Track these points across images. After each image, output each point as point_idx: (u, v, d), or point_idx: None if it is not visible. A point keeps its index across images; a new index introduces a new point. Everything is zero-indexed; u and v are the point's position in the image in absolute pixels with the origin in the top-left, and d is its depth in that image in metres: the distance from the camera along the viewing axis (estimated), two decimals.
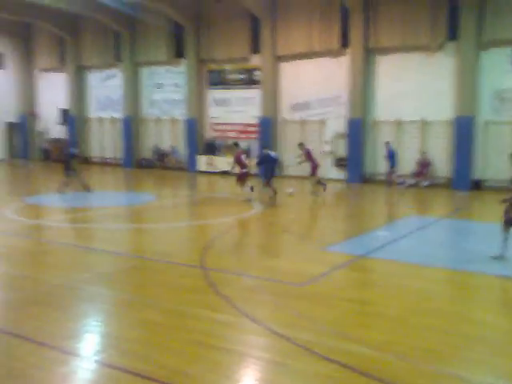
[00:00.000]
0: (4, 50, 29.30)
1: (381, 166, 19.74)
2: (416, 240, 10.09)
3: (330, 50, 20.42)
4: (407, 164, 19.13)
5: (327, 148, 21.16)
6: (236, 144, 15.83)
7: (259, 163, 16.56)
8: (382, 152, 19.32)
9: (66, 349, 4.77)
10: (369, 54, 19.82)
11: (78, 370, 4.43)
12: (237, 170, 15.05)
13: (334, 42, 20.22)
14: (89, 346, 5.00)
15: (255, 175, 16.37)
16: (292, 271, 7.59)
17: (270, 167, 15.50)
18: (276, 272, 7.61)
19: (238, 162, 14.85)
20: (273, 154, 16.21)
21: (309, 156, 16.40)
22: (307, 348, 4.77)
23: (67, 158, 16.00)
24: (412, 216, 13.26)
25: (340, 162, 20.91)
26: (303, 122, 21.71)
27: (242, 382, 4.24)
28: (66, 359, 4.58)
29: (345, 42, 20.10)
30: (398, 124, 19.49)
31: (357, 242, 9.86)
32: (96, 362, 4.55)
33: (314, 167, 16.45)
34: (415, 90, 19.05)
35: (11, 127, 30.03)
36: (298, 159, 16.96)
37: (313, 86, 21.19)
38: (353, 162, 20.11)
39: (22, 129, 30.10)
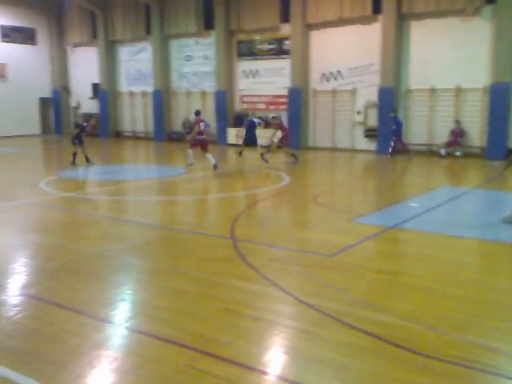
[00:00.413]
0: (36, 26, 29.65)
1: (413, 136, 19.37)
2: (448, 211, 9.94)
3: (362, 16, 19.94)
4: (441, 133, 18.73)
5: (358, 118, 20.85)
6: (197, 112, 16.63)
7: (246, 130, 18.14)
8: (415, 121, 18.94)
9: (100, 316, 4.94)
10: (402, 20, 19.28)
11: (112, 336, 4.59)
12: (193, 135, 15.80)
13: (366, 9, 19.72)
14: (121, 313, 5.15)
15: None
16: (321, 242, 7.61)
17: (251, 133, 17.56)
18: (305, 243, 7.64)
19: (195, 128, 15.79)
20: (256, 120, 18.41)
21: (281, 126, 17.34)
22: (335, 317, 4.81)
23: (79, 129, 16.49)
24: (444, 187, 13.02)
25: (370, 133, 20.59)
26: (334, 92, 21.39)
27: (271, 349, 4.31)
28: (100, 326, 4.75)
29: (377, 8, 19.56)
30: (432, 92, 19.01)
31: (387, 213, 9.77)
32: (128, 328, 4.69)
33: (286, 137, 17.32)
34: (449, 57, 18.49)
35: (44, 102, 30.57)
36: (273, 136, 17.48)
37: (344, 54, 20.80)
38: (384, 133, 19.78)
39: (55, 104, 30.61)
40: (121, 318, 5.00)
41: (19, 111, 28.65)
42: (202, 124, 15.74)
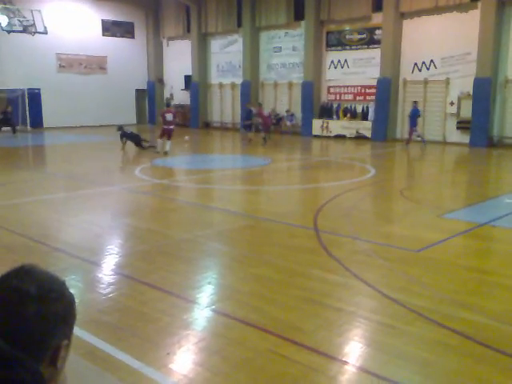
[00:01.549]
0: (135, 20, 31.12)
1: (510, 129, 18.26)
2: None
3: (459, 4, 19.02)
4: None
5: (451, 109, 19.96)
6: (167, 104, 19.01)
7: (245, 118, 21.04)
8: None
9: (188, 297, 5.19)
10: (503, 7, 18.16)
11: (199, 317, 4.82)
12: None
13: None
14: (208, 296, 5.37)
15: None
16: (407, 237, 7.43)
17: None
18: (390, 237, 7.50)
19: (162, 118, 17.06)
20: (254, 109, 20.63)
21: (261, 114, 19.77)
22: (420, 313, 4.71)
23: (134, 136, 18.33)
24: None
25: (463, 125, 19.63)
26: (426, 82, 20.61)
27: (353, 340, 4.31)
28: (188, 307, 4.99)
29: None
30: None
31: (479, 209, 9.34)
32: (213, 311, 4.90)
33: (266, 124, 20.00)
34: None
35: (140, 93, 32.08)
36: (255, 121, 20.24)
37: (437, 43, 19.98)
38: (478, 125, 18.78)
39: (150, 95, 32.02)
40: (207, 300, 5.21)
41: (117, 102, 30.28)
42: (168, 115, 16.88)
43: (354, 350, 4.13)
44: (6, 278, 1.13)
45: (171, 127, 16.85)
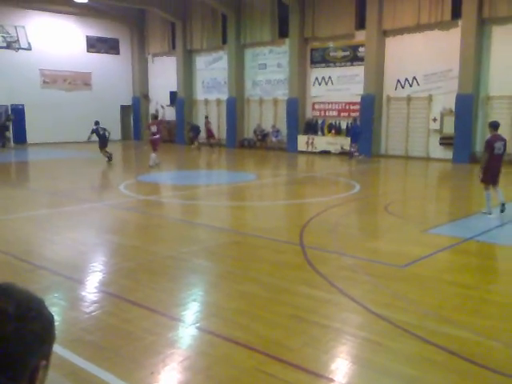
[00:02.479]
0: (120, 36, 31.19)
1: None
2: None
3: (440, 21, 19.41)
4: None
5: (434, 126, 20.24)
6: (154, 116, 20.09)
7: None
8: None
9: (173, 315, 5.14)
10: (483, 25, 18.58)
11: (184, 335, 4.76)
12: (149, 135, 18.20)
13: (445, 14, 19.16)
14: (193, 313, 5.32)
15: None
16: (392, 252, 7.46)
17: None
18: (376, 253, 7.52)
19: (148, 130, 18.31)
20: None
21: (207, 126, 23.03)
22: (405, 329, 4.71)
23: (104, 138, 19.24)
24: None
25: (445, 141, 19.91)
26: (409, 99, 20.90)
27: (340, 357, 4.29)
28: (173, 325, 4.94)
29: (456, 13, 18.95)
30: None
31: (463, 224, 9.42)
32: (199, 328, 4.84)
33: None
34: None
35: (124, 110, 32.02)
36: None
37: (420, 60, 20.32)
38: (461, 141, 19.06)
39: (135, 111, 31.98)
40: (192, 318, 5.16)
41: (102, 118, 29.87)
42: (152, 127, 17.95)
43: (340, 368, 4.11)
44: None
45: (155, 137, 17.55)
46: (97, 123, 19.34)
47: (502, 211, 9.64)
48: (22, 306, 1.09)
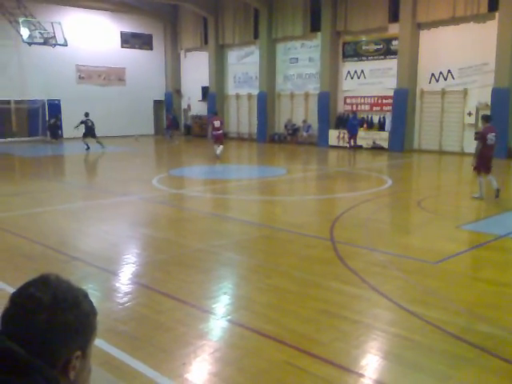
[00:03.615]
0: (153, 32, 31.52)
1: None
2: None
3: (477, 14, 18.92)
4: None
5: (469, 120, 19.81)
6: (215, 113, 20.97)
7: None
8: None
9: (204, 307, 5.20)
10: None
11: (214, 327, 4.82)
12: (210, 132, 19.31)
13: (482, 6, 18.67)
14: (224, 306, 5.37)
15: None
16: (425, 248, 7.36)
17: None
18: (408, 248, 7.44)
19: (211, 125, 18.78)
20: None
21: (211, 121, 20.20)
22: (436, 326, 4.66)
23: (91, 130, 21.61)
24: None
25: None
26: (443, 93, 20.50)
27: (370, 352, 4.28)
28: (204, 317, 5.00)
29: (493, 6, 18.45)
30: None
31: (498, 220, 9.22)
32: (229, 321, 4.90)
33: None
34: None
35: (157, 105, 32.39)
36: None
37: (455, 53, 19.88)
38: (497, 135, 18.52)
39: (167, 106, 32.31)
40: (223, 310, 5.22)
41: (135, 113, 30.61)
42: (216, 122, 18.50)
43: (370, 363, 4.10)
44: (26, 285, 1.16)
45: (219, 132, 18.48)
46: (87, 115, 21.55)
47: (497, 196, 10.60)
48: (58, 297, 1.12)
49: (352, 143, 21.80)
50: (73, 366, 1.13)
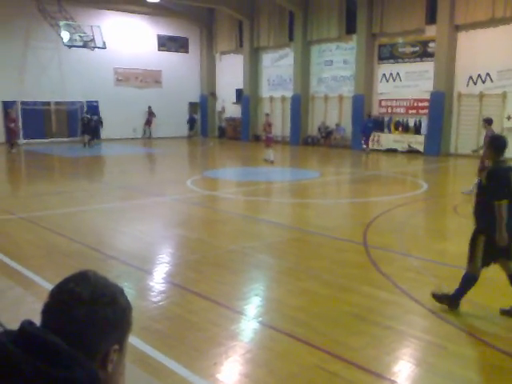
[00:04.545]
0: (189, 35, 31.89)
1: None
2: None
3: None
4: None
5: (508, 124, 19.31)
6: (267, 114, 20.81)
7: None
8: None
9: (236, 308, 5.25)
10: None
11: (246, 328, 4.86)
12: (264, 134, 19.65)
13: None
14: (255, 307, 5.40)
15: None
16: (460, 255, 7.16)
17: None
18: (443, 254, 7.32)
19: (269, 128, 19.05)
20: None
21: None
22: (471, 334, 4.58)
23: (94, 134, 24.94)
24: None
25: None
26: (481, 96, 20.04)
27: (402, 359, 4.24)
28: (235, 318, 5.05)
29: None
30: None
31: None
32: (260, 323, 4.92)
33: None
34: None
35: (192, 106, 32.74)
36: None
37: (494, 56, 19.40)
38: None
39: (202, 108, 32.62)
40: (254, 312, 5.25)
41: (171, 115, 31.00)
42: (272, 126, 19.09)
43: (403, 370, 4.06)
44: (66, 281, 1.20)
45: (270, 135, 19.20)
46: (92, 115, 25.10)
47: None
48: (97, 292, 1.16)
49: (364, 145, 22.14)
50: (111, 359, 1.17)
